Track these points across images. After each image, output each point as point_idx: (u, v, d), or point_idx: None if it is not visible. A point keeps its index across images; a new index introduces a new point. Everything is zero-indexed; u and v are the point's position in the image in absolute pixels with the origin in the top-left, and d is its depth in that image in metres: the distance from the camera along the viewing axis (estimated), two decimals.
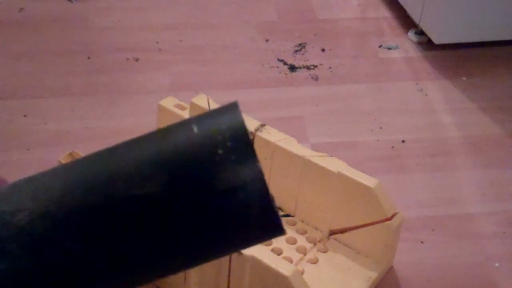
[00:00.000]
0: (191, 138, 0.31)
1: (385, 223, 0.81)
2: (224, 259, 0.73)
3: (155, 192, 0.31)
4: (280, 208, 0.92)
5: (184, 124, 0.33)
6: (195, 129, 0.32)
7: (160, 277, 0.33)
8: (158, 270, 0.33)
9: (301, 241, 0.87)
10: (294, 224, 0.90)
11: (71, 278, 0.31)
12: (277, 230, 0.32)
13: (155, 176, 0.31)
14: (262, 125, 0.89)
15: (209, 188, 0.31)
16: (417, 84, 1.22)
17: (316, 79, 1.22)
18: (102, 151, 0.34)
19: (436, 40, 1.27)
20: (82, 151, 0.86)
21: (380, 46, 1.32)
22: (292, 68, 1.24)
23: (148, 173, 0.31)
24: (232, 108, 0.33)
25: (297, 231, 0.89)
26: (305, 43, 1.31)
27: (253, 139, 0.89)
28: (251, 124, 0.89)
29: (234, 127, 0.31)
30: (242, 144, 0.31)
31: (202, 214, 0.31)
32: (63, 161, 0.85)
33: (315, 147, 1.05)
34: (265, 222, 0.31)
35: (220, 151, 0.31)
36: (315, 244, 0.87)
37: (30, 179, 0.34)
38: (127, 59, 1.24)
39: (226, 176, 0.31)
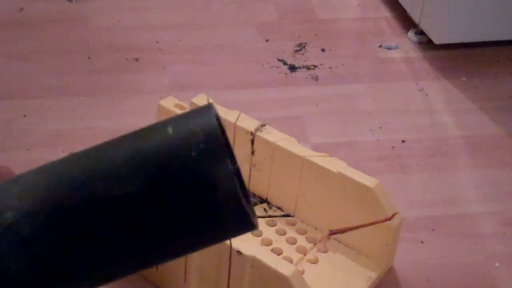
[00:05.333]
0: (166, 140, 0.33)
1: (385, 223, 0.81)
2: (224, 259, 0.73)
3: (132, 192, 0.32)
4: (280, 208, 0.92)
5: (160, 125, 0.34)
6: (170, 131, 0.33)
7: (139, 270, 0.35)
8: (137, 265, 0.35)
9: (301, 241, 0.87)
10: (294, 224, 0.90)
11: (54, 274, 0.33)
12: (250, 226, 0.34)
13: (132, 177, 0.33)
14: (262, 125, 0.89)
15: (183, 189, 0.32)
16: (417, 84, 1.22)
17: (316, 79, 1.22)
18: (85, 150, 0.36)
19: (436, 40, 1.27)
20: None
21: (380, 46, 1.32)
22: (292, 68, 1.24)
23: (125, 173, 0.33)
24: (206, 110, 0.34)
25: (297, 231, 0.89)
26: (305, 43, 1.31)
27: (253, 139, 0.89)
28: (251, 124, 0.89)
29: (207, 130, 0.33)
30: (214, 146, 0.32)
31: (176, 213, 0.33)
32: None
33: (315, 147, 1.05)
34: (237, 220, 0.33)
35: (193, 153, 0.32)
36: (315, 244, 0.87)
37: (17, 178, 0.35)
38: (127, 59, 1.24)
39: (199, 177, 0.32)
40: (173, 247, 0.34)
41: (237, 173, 0.35)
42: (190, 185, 0.32)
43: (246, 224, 0.33)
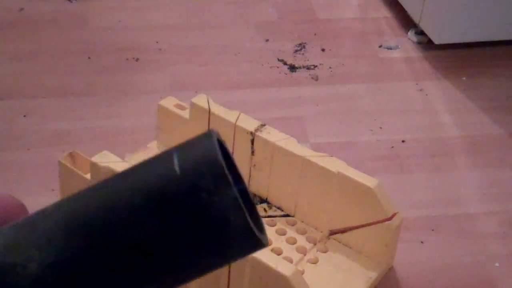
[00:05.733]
0: (175, 181, 0.34)
1: (385, 223, 0.81)
2: None
3: (148, 235, 0.34)
4: (280, 208, 0.92)
5: (167, 163, 0.35)
6: (178, 170, 0.34)
7: None
8: None
9: (301, 241, 0.87)
10: (294, 224, 0.90)
11: None
12: (261, 247, 0.36)
13: (147, 221, 0.34)
14: (262, 125, 0.89)
15: (196, 229, 0.34)
16: (417, 84, 1.22)
17: (316, 79, 1.22)
18: (96, 191, 0.36)
19: (436, 40, 1.27)
20: (82, 151, 0.86)
21: (380, 46, 1.32)
22: (292, 68, 1.24)
23: (140, 218, 0.34)
24: (208, 143, 0.34)
25: (297, 231, 0.89)
26: (305, 43, 1.31)
27: (253, 139, 0.89)
28: (251, 124, 0.89)
29: (213, 170, 0.33)
30: (222, 186, 0.33)
31: (192, 249, 0.34)
32: (63, 161, 0.85)
33: (315, 147, 1.05)
34: (249, 245, 0.35)
35: (203, 194, 0.33)
36: (315, 244, 0.87)
37: (33, 224, 0.36)
38: (127, 59, 1.24)
39: (211, 217, 0.33)
40: (189, 276, 0.36)
41: (244, 194, 0.36)
42: (203, 224, 0.33)
43: (258, 246, 0.35)
